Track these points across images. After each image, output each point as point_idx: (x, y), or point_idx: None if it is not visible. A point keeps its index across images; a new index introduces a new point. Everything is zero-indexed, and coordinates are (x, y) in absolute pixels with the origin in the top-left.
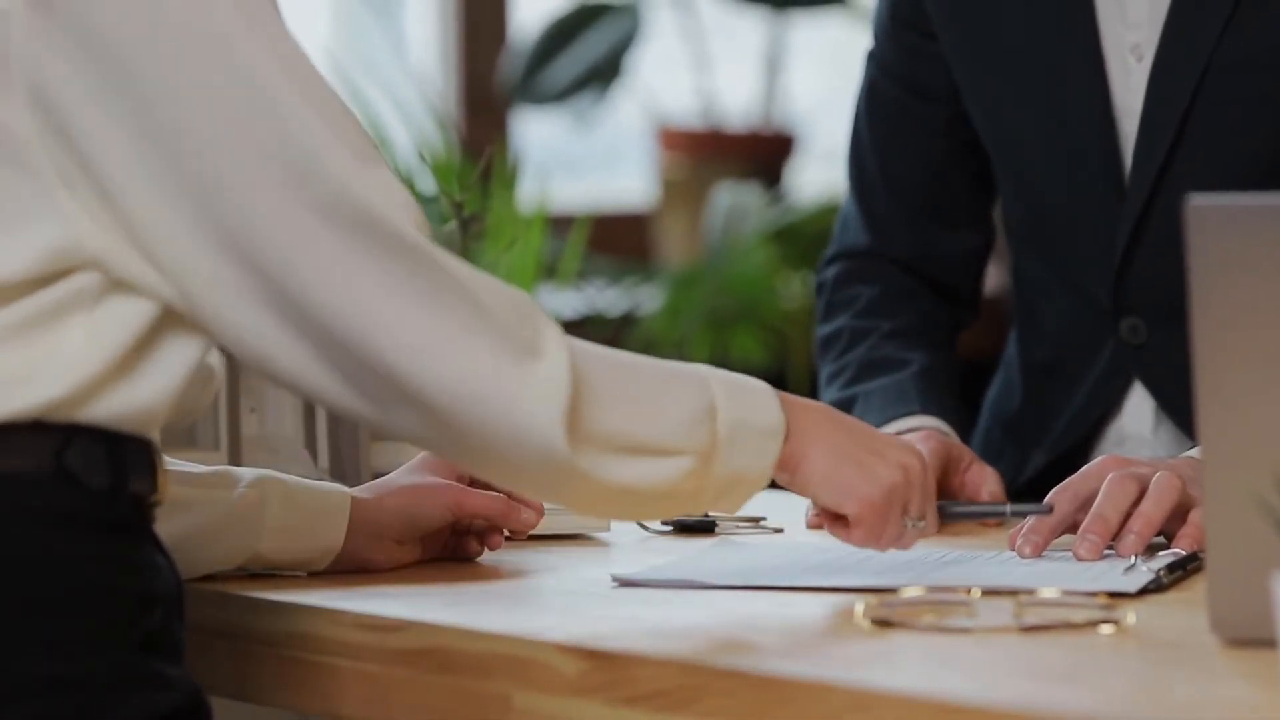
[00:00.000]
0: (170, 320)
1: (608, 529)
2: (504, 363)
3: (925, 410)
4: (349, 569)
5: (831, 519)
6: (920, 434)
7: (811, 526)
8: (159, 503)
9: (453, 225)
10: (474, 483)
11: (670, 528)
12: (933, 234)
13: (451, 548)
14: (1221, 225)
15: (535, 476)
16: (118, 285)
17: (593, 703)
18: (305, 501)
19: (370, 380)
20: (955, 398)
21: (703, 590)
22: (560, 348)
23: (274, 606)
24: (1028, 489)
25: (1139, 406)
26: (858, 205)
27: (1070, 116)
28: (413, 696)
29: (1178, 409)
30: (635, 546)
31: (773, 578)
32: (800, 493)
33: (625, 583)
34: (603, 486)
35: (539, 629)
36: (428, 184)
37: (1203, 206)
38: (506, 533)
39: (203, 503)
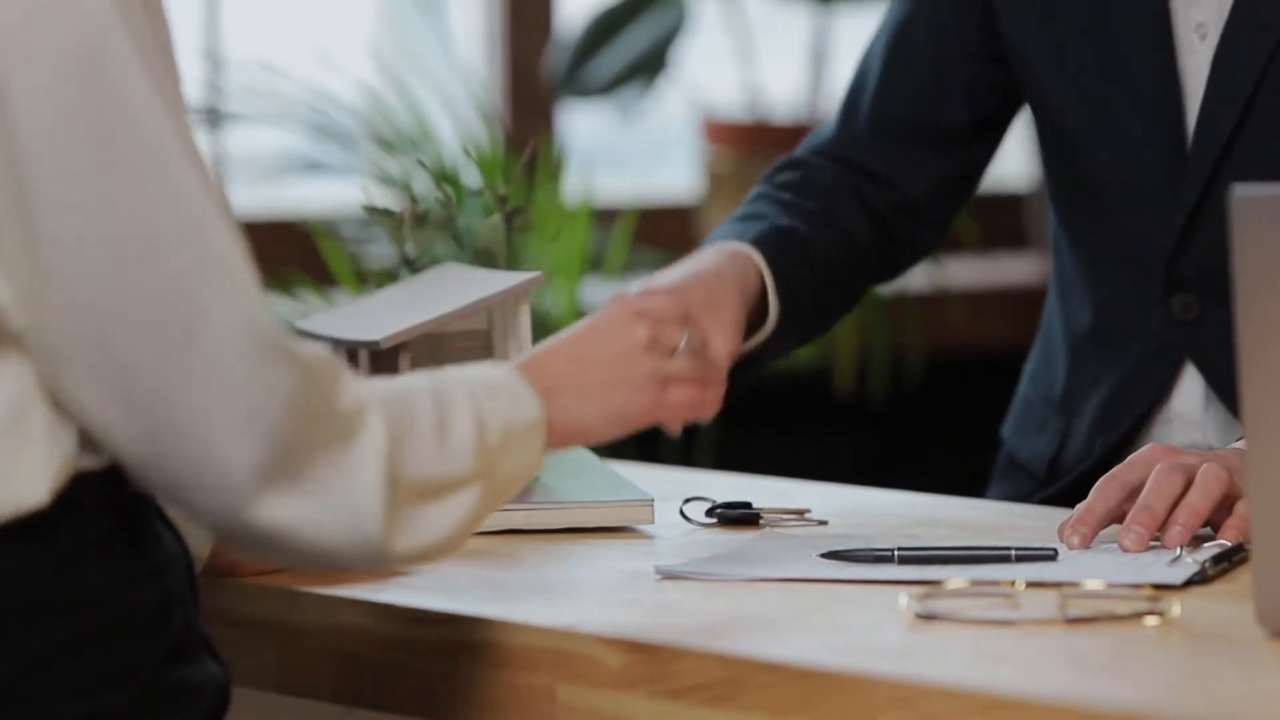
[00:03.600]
0: None
1: (651, 521)
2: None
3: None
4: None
5: None
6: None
7: None
8: None
9: (497, 219)
10: None
11: (714, 520)
12: (909, 153)
13: None
14: (1267, 216)
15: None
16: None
17: (636, 696)
18: None
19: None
20: (795, 260)
21: (746, 583)
22: (374, 416)
23: (319, 600)
24: (1085, 477)
25: (1189, 387)
26: (840, 114)
27: (1138, 90)
28: (456, 690)
29: (1226, 389)
30: (679, 539)
31: (816, 570)
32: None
33: (669, 575)
34: (418, 553)
35: (583, 622)
36: (472, 177)
37: (1247, 197)
38: None
39: None
